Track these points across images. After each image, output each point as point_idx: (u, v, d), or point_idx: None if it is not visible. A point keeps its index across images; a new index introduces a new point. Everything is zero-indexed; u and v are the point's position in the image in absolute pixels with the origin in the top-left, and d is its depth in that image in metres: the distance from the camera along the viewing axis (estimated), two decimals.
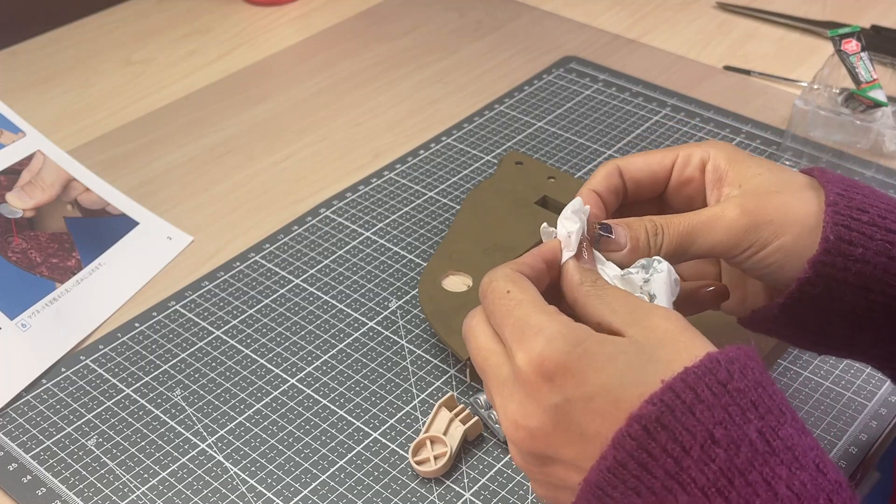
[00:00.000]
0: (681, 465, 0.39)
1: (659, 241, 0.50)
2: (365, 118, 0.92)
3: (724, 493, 0.39)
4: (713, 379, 0.40)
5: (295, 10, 1.10)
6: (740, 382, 0.40)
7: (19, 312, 0.69)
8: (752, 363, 0.41)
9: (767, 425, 0.40)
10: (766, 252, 0.50)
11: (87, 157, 0.85)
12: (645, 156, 0.55)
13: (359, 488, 0.59)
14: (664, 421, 0.39)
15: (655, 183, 0.55)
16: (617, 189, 0.54)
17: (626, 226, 0.50)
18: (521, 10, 1.09)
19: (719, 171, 0.53)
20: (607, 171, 0.54)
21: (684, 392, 0.40)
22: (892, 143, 0.84)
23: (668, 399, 0.40)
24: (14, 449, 0.62)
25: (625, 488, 0.40)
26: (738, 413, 0.40)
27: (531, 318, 0.43)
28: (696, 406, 0.39)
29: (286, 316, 0.71)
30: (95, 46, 1.04)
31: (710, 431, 0.39)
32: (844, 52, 0.85)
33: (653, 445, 0.39)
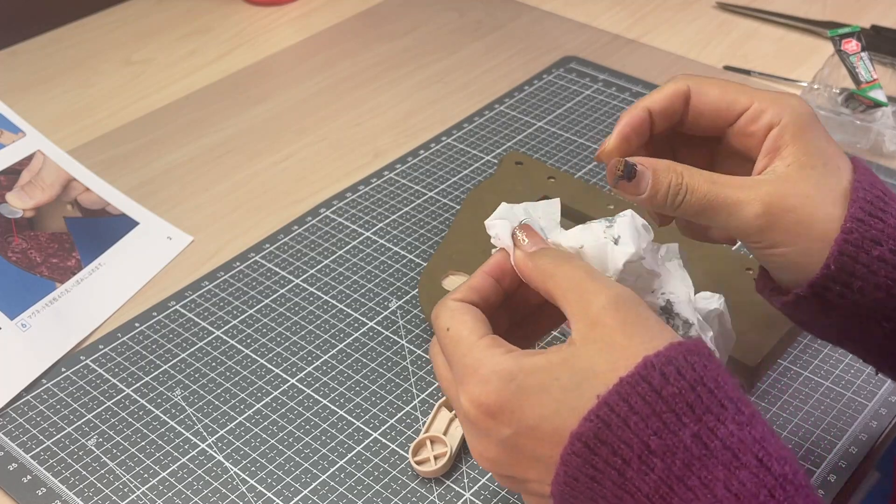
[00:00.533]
0: (624, 476, 0.40)
1: (679, 199, 0.50)
2: (365, 118, 0.92)
3: (665, 499, 0.40)
4: (647, 387, 0.40)
5: (295, 10, 1.10)
6: (675, 385, 0.40)
7: (19, 312, 0.69)
8: (692, 359, 0.41)
9: (704, 427, 0.40)
10: (772, 252, 0.50)
11: (87, 157, 0.85)
12: (722, 88, 0.53)
13: (359, 488, 0.59)
14: (602, 436, 0.40)
15: (718, 122, 0.53)
16: (674, 113, 0.53)
17: (654, 172, 0.50)
18: (521, 10, 1.09)
19: (780, 141, 0.51)
20: (675, 90, 0.53)
21: (618, 405, 0.40)
22: (892, 143, 0.84)
23: (604, 414, 0.40)
24: (14, 449, 0.62)
25: (584, 498, 0.42)
26: (672, 419, 0.40)
27: (466, 359, 0.45)
28: (631, 418, 0.40)
29: (286, 316, 0.71)
30: (95, 46, 1.04)
31: (646, 442, 0.40)
32: (844, 52, 0.85)
33: (596, 460, 0.41)
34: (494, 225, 0.50)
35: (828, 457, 0.60)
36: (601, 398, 0.41)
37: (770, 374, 0.65)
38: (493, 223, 0.50)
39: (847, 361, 0.66)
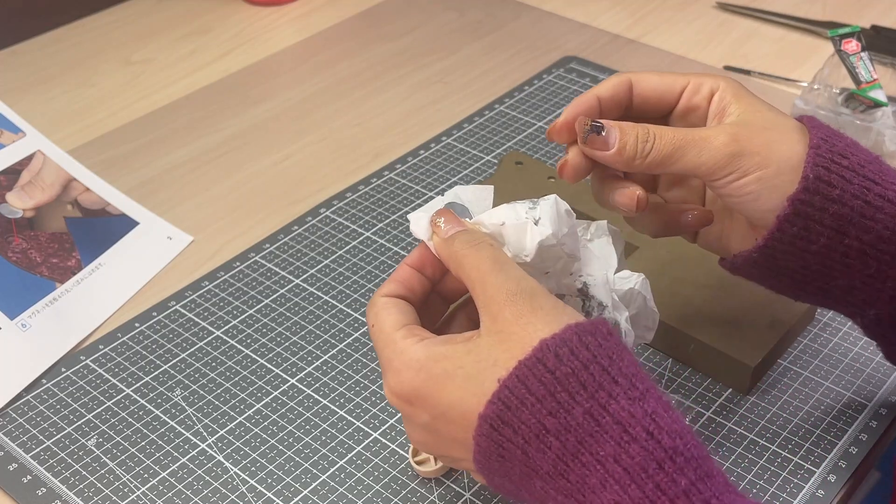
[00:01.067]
0: (527, 454, 0.43)
1: (648, 147, 0.52)
2: (365, 118, 0.92)
3: (564, 476, 0.42)
4: (542, 368, 0.43)
5: (295, 10, 1.10)
6: (569, 365, 0.43)
7: (19, 312, 0.69)
8: (586, 339, 0.44)
9: (597, 403, 0.42)
10: (746, 180, 0.52)
11: (87, 157, 0.85)
12: (660, 76, 0.56)
13: (359, 488, 0.59)
14: (504, 418, 0.43)
15: (662, 104, 0.56)
16: (621, 101, 0.56)
17: (619, 128, 0.52)
18: (521, 10, 1.09)
19: (723, 102, 0.55)
20: (618, 82, 0.56)
21: (517, 388, 0.43)
22: (892, 143, 0.84)
23: (504, 397, 0.43)
24: (14, 449, 0.62)
25: (499, 474, 0.45)
26: (566, 398, 0.42)
27: (385, 351, 0.48)
28: (528, 399, 0.43)
29: (286, 316, 0.71)
30: (95, 46, 1.04)
31: (542, 422, 0.42)
32: (844, 52, 0.85)
33: (501, 440, 0.44)
34: (417, 217, 0.51)
35: (828, 457, 0.60)
36: (502, 382, 0.43)
37: (770, 374, 0.65)
38: (416, 215, 0.51)
39: (847, 362, 0.66)
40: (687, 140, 0.52)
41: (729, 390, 0.64)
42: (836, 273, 0.53)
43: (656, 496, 0.41)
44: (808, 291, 0.56)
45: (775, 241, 0.52)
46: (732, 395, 0.64)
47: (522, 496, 0.46)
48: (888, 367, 0.66)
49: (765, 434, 0.62)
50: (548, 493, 0.44)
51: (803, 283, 0.55)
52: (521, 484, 0.45)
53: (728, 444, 0.61)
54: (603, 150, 0.53)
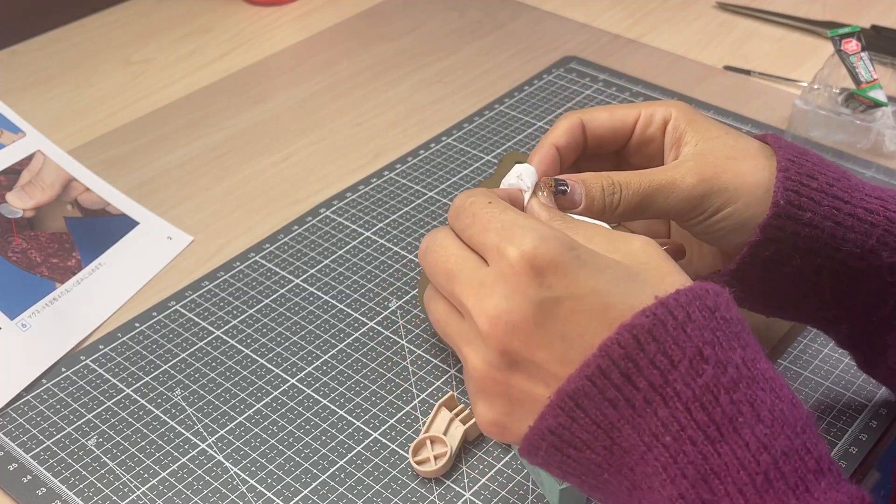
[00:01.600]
0: (666, 378, 0.39)
1: (616, 199, 0.52)
2: (365, 118, 0.92)
3: (707, 409, 0.39)
4: (703, 304, 0.41)
5: (295, 10, 1.10)
6: (726, 313, 0.42)
7: (19, 312, 0.69)
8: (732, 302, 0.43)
9: (749, 356, 0.41)
10: (718, 217, 0.52)
11: (87, 156, 0.85)
12: (609, 112, 0.56)
13: (359, 488, 0.59)
14: (656, 333, 0.40)
15: (616, 139, 0.56)
16: (577, 145, 0.55)
17: (583, 182, 0.51)
18: (521, 10, 1.09)
19: (678, 130, 0.54)
20: (570, 125, 0.55)
21: (676, 309, 0.40)
22: (892, 143, 0.84)
23: (661, 313, 0.40)
24: (14, 449, 0.62)
25: (601, 399, 0.40)
26: (725, 338, 0.41)
27: (521, 220, 0.43)
28: (688, 324, 0.40)
29: (286, 316, 0.71)
30: (95, 46, 1.04)
31: (700, 349, 0.40)
32: (844, 52, 0.85)
33: (640, 356, 0.40)
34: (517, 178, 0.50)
35: None
36: (659, 298, 0.41)
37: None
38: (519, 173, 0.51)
39: (847, 361, 0.66)
40: (653, 186, 0.51)
41: None
42: (808, 292, 0.54)
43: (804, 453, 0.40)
44: (780, 309, 0.56)
45: (747, 266, 0.52)
46: None
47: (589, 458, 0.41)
48: None
49: None
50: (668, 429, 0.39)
51: (775, 301, 0.55)
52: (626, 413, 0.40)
53: None
54: (571, 208, 0.52)
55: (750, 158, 0.52)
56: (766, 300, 0.55)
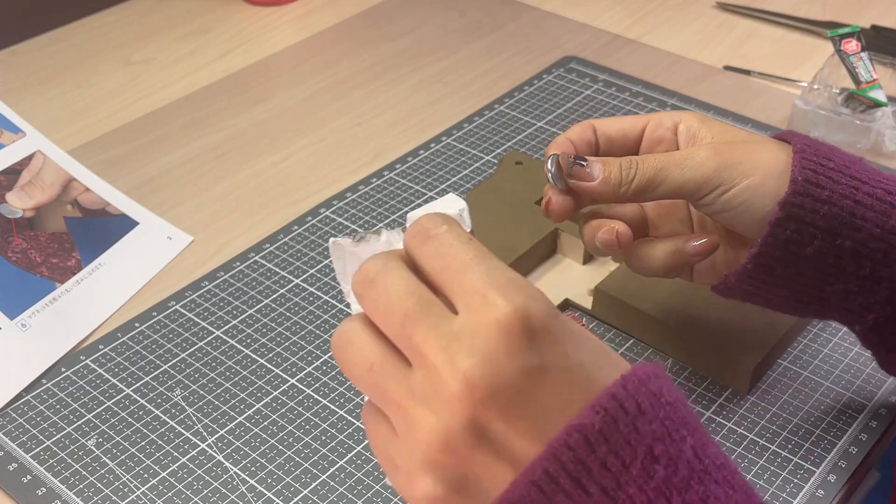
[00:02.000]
0: (619, 482, 0.36)
1: (632, 173, 0.52)
2: (365, 118, 0.92)
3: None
4: (649, 390, 0.37)
5: (295, 10, 1.10)
6: (669, 396, 0.38)
7: (19, 312, 0.69)
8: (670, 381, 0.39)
9: (698, 443, 0.38)
10: (734, 192, 0.52)
11: (87, 156, 0.85)
12: (619, 118, 0.58)
13: (359, 488, 0.59)
14: (606, 433, 0.36)
15: (627, 141, 0.57)
16: (590, 141, 0.57)
17: (602, 161, 0.53)
18: (521, 10, 1.09)
19: (692, 129, 0.55)
20: (581, 127, 0.57)
21: (627, 401, 0.36)
22: (892, 143, 0.84)
23: (612, 408, 0.36)
24: (14, 449, 0.62)
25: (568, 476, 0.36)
26: (674, 428, 0.37)
27: (508, 272, 0.38)
28: (639, 418, 0.36)
29: (286, 316, 0.71)
30: (95, 46, 1.04)
31: (651, 447, 0.36)
32: (844, 52, 0.85)
33: (591, 459, 0.36)
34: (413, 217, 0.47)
35: (828, 456, 0.60)
36: (607, 389, 0.36)
37: (770, 374, 0.65)
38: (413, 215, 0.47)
39: (847, 362, 0.66)
40: (669, 160, 0.53)
41: (729, 390, 0.64)
42: (831, 277, 0.53)
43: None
44: (804, 302, 0.55)
45: (769, 248, 0.52)
46: (732, 395, 0.64)
47: None
48: None
49: (765, 434, 0.62)
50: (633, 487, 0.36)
51: (799, 292, 0.55)
52: None
53: (728, 444, 0.61)
54: (588, 180, 0.53)
55: (766, 143, 0.54)
56: (789, 292, 0.55)
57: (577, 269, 0.73)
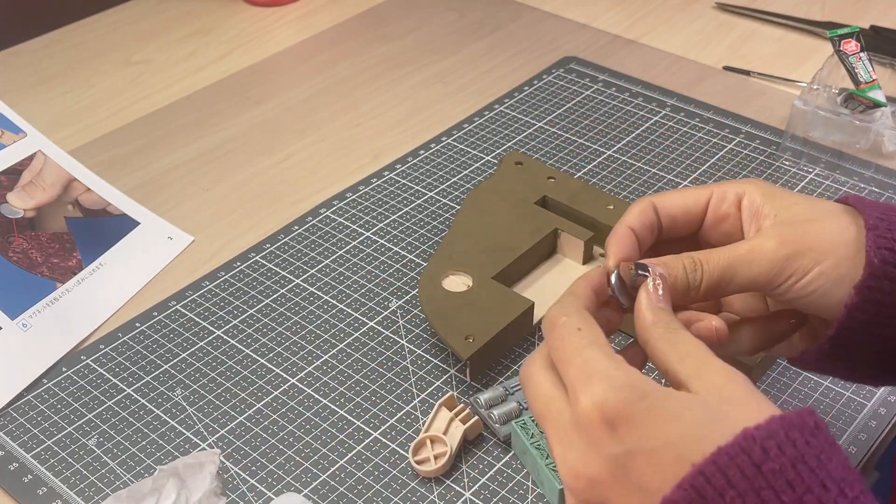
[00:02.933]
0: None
1: (698, 276, 0.50)
2: (365, 118, 0.92)
3: None
4: (747, 460, 0.38)
5: (295, 10, 1.10)
6: (776, 462, 0.38)
7: (20, 312, 0.70)
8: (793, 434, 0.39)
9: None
10: (808, 279, 0.49)
11: (87, 157, 0.85)
12: (680, 193, 0.54)
13: (359, 488, 0.59)
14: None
15: (691, 219, 0.54)
16: (652, 225, 0.53)
17: (664, 265, 0.49)
18: (521, 10, 1.09)
19: (755, 205, 0.52)
20: (641, 208, 0.53)
21: (714, 475, 0.38)
22: (891, 143, 0.84)
23: (699, 484, 0.38)
24: (15, 448, 0.62)
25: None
26: (770, 497, 0.37)
27: (599, 363, 0.42)
28: (727, 492, 0.37)
29: (286, 316, 0.71)
30: (96, 47, 1.04)
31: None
32: (844, 52, 0.85)
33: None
34: None
35: None
36: (696, 466, 0.38)
37: (770, 374, 0.65)
38: None
39: None
40: (734, 257, 0.49)
41: None
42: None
43: None
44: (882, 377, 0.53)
45: (846, 331, 0.50)
46: None
47: None
48: None
49: None
50: None
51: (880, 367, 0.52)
52: None
53: None
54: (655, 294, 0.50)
55: (833, 218, 0.50)
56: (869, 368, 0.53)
57: (577, 269, 0.73)
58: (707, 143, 0.87)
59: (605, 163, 0.85)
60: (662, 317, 0.46)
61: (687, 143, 0.87)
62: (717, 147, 0.86)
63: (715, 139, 0.87)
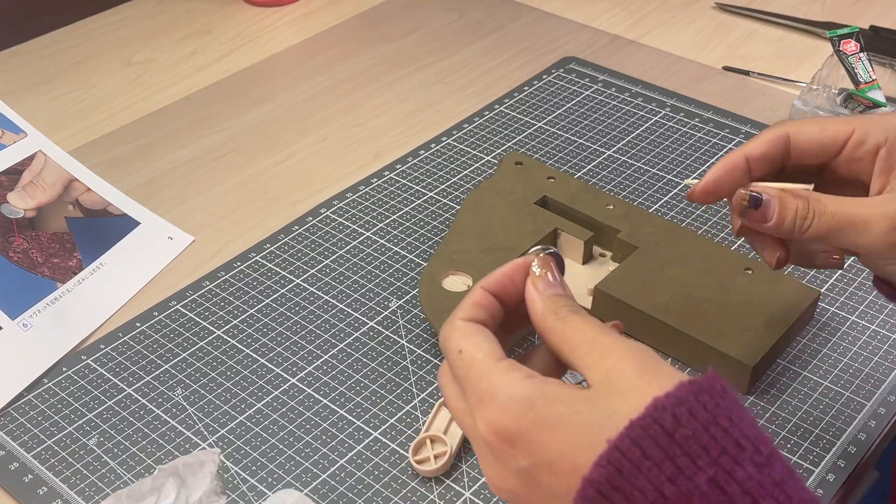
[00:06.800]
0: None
1: (806, 225, 0.50)
2: (365, 118, 0.93)
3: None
4: (659, 429, 0.38)
5: (295, 10, 1.11)
6: (688, 428, 0.38)
7: (21, 312, 0.70)
8: (703, 398, 0.39)
9: (721, 470, 0.37)
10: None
11: (88, 157, 0.85)
12: (820, 126, 0.53)
13: (359, 487, 0.59)
14: (615, 483, 0.38)
15: (823, 155, 0.54)
16: (777, 157, 0.53)
17: (779, 201, 0.50)
18: (521, 10, 1.09)
19: (891, 160, 0.52)
20: (773, 138, 0.53)
21: (630, 449, 0.38)
22: None
23: (615, 459, 0.38)
24: (15, 448, 0.62)
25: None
26: (687, 463, 0.37)
27: (483, 382, 0.42)
28: (643, 463, 0.38)
29: (287, 315, 0.71)
30: (97, 47, 1.05)
31: (660, 489, 0.37)
32: (843, 52, 0.85)
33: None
34: None
35: (827, 456, 0.60)
36: (612, 442, 0.38)
37: (769, 374, 0.65)
38: None
39: (846, 361, 0.66)
40: (847, 221, 0.50)
41: None
42: None
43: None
44: None
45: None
46: None
47: None
48: (887, 366, 0.66)
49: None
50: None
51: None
52: None
53: None
54: (761, 222, 0.51)
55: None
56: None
57: (577, 268, 0.73)
58: (707, 143, 0.87)
59: (605, 163, 0.85)
60: (551, 305, 0.45)
61: (687, 143, 0.87)
62: (717, 147, 0.86)
63: (715, 139, 0.87)
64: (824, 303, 0.70)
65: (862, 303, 0.71)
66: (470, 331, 0.45)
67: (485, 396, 0.42)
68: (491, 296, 0.46)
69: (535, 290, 0.45)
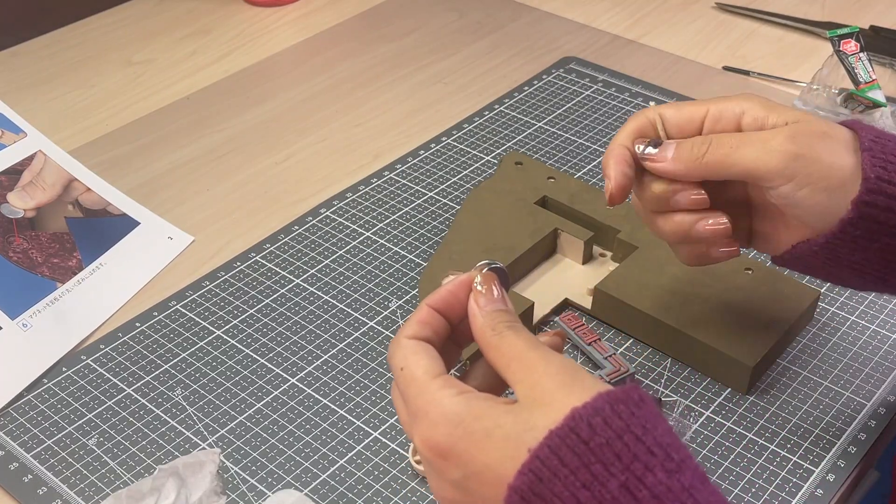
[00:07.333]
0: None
1: (703, 149, 0.52)
2: (365, 118, 0.93)
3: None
4: (576, 438, 0.40)
5: (295, 10, 1.10)
6: (603, 436, 0.40)
7: (20, 312, 0.70)
8: (619, 407, 0.41)
9: (632, 476, 0.40)
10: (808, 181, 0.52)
11: (88, 157, 0.85)
12: (678, 109, 0.56)
13: (359, 487, 0.59)
14: (536, 490, 0.40)
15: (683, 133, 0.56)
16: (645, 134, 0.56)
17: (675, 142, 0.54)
18: (521, 10, 1.09)
19: (759, 119, 0.54)
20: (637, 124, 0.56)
21: (549, 458, 0.40)
22: None
23: (536, 468, 0.41)
24: (15, 448, 0.62)
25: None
26: (600, 470, 0.40)
27: (419, 400, 0.45)
28: (561, 470, 0.40)
29: (286, 315, 0.71)
30: (97, 47, 1.04)
31: (576, 495, 0.40)
32: (843, 52, 0.85)
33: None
34: None
35: (827, 456, 0.60)
36: (532, 451, 0.41)
37: (769, 374, 0.65)
38: None
39: (846, 361, 0.66)
40: (744, 140, 0.52)
41: (728, 390, 0.64)
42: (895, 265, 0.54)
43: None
44: (867, 281, 0.56)
45: (837, 241, 0.52)
46: (732, 395, 0.64)
47: None
48: (887, 366, 0.66)
49: (764, 433, 0.62)
50: None
51: (862, 274, 0.55)
52: None
53: (727, 444, 0.61)
54: (661, 161, 0.53)
55: (840, 139, 0.53)
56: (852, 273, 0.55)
57: (577, 268, 0.73)
58: None
59: None
60: (489, 321, 0.47)
61: None
62: None
63: None
64: (824, 303, 0.70)
65: (862, 303, 0.71)
66: (413, 349, 0.47)
67: (420, 413, 0.45)
68: (436, 313, 0.48)
69: (476, 305, 0.47)
